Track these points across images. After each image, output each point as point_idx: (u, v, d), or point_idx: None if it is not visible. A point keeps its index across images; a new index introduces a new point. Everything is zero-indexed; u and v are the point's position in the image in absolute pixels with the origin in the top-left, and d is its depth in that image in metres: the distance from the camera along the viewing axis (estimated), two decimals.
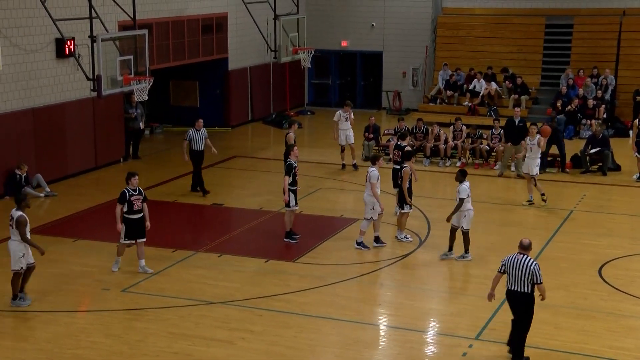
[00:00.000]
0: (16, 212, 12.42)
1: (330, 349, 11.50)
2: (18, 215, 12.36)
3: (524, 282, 10.68)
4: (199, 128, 18.89)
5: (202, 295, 13.22)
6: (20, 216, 12.35)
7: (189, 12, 25.05)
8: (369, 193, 15.20)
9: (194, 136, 18.83)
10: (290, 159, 15.67)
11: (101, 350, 11.24)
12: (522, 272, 10.67)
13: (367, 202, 15.24)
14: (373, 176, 15.11)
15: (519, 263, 10.73)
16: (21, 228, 12.32)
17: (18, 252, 12.48)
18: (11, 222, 12.45)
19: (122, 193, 13.94)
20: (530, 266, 10.66)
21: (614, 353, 11.23)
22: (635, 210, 18.43)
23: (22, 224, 12.32)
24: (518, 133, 20.60)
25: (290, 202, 15.56)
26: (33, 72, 19.53)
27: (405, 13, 30.56)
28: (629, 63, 27.88)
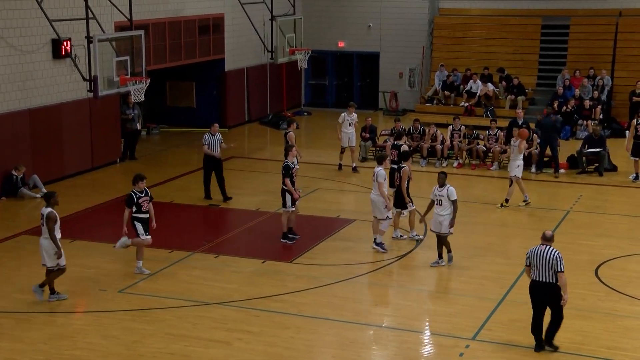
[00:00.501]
0: (46, 209, 12.63)
1: (328, 349, 11.50)
2: (48, 212, 12.57)
3: (548, 272, 11.06)
4: (214, 132, 18.43)
5: (199, 296, 13.21)
6: (50, 212, 12.56)
7: (186, 12, 25.05)
8: (376, 193, 15.16)
9: (210, 141, 18.37)
10: (288, 159, 15.67)
11: (98, 352, 11.23)
12: (546, 262, 11.05)
13: (378, 202, 15.16)
14: (381, 175, 15.08)
15: (542, 254, 11.10)
16: (50, 224, 12.52)
17: (51, 249, 12.64)
18: (42, 219, 12.64)
19: (130, 197, 13.81)
20: (553, 255, 11.06)
21: (611, 353, 11.25)
22: (632, 210, 18.46)
23: (51, 220, 12.53)
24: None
25: (287, 202, 15.56)
26: (29, 73, 19.51)
27: (401, 14, 30.58)
28: (625, 64, 27.93)
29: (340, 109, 31.35)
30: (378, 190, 15.12)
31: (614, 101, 27.42)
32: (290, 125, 19.51)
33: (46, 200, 12.84)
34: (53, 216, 12.55)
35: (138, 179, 13.94)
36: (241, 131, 27.77)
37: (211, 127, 18.57)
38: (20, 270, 14.41)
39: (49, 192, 13.12)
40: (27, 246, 15.68)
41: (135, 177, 13.98)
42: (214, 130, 18.47)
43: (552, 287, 11.05)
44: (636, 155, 20.22)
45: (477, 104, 27.73)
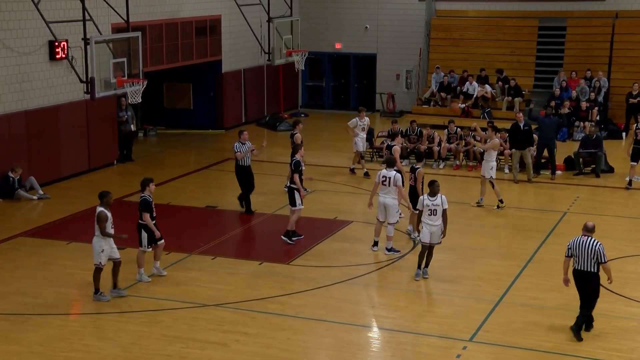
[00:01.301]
0: (98, 207, 12.83)
1: (324, 351, 11.50)
2: (99, 211, 12.78)
3: (590, 261, 11.52)
4: (244, 141, 17.56)
5: (196, 297, 13.20)
6: (101, 212, 12.76)
7: (183, 14, 25.04)
8: (393, 196, 15.02)
9: (240, 149, 17.56)
10: (297, 157, 15.86)
11: (94, 354, 11.21)
12: (588, 252, 11.50)
13: (393, 207, 15.01)
14: (398, 179, 14.97)
15: (585, 244, 11.56)
16: (101, 223, 12.69)
17: (98, 247, 12.83)
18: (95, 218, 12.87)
19: (146, 201, 13.53)
20: (596, 247, 11.49)
21: (607, 355, 11.26)
22: (628, 212, 18.48)
23: (102, 219, 12.70)
24: (524, 137, 20.56)
25: (296, 200, 15.60)
26: (26, 75, 19.49)
27: (398, 15, 30.60)
28: (622, 65, 27.96)
29: (337, 110, 31.64)
30: (397, 193, 14.99)
31: (611, 103, 27.45)
32: (297, 126, 19.52)
33: (100, 199, 12.99)
34: (104, 216, 12.74)
35: (148, 181, 13.72)
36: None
37: (240, 136, 17.66)
38: (16, 272, 14.40)
39: (102, 191, 13.20)
40: (23, 248, 15.68)
41: (146, 181, 13.72)
42: (243, 138, 17.57)
43: (593, 275, 11.58)
44: (635, 160, 20.02)
45: (474, 106, 27.74)
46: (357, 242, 16.03)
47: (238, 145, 17.63)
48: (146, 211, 13.53)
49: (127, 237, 13.28)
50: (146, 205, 13.53)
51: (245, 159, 17.58)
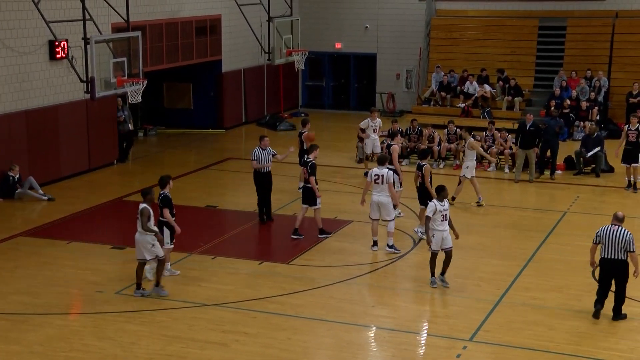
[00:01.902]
0: (141, 204, 12.98)
1: (324, 351, 11.50)
2: (142, 207, 12.92)
3: (619, 250, 11.94)
4: (264, 147, 16.78)
5: (196, 297, 13.20)
6: (144, 207, 12.89)
7: (183, 14, 25.04)
8: (386, 194, 15.11)
9: (260, 155, 16.80)
10: (311, 157, 16.08)
11: (94, 353, 11.21)
12: (618, 241, 11.92)
13: (388, 204, 15.12)
14: (390, 176, 15.08)
15: (614, 233, 12.00)
16: (142, 218, 12.83)
17: (146, 242, 12.92)
18: (138, 214, 13.01)
19: (168, 198, 13.47)
20: (626, 236, 11.96)
21: (607, 354, 11.26)
22: (628, 211, 18.41)
23: (144, 215, 12.85)
24: (529, 137, 20.53)
25: (316, 199, 15.83)
26: (26, 74, 19.49)
27: (398, 15, 30.60)
28: (622, 65, 27.95)
29: (337, 110, 31.64)
30: (388, 191, 15.07)
31: (611, 102, 27.44)
32: (306, 125, 19.48)
33: (143, 196, 13.13)
34: (146, 212, 12.87)
35: (168, 178, 13.70)
36: (238, 132, 27.78)
37: (261, 142, 16.89)
38: (16, 272, 14.40)
39: (145, 188, 13.37)
40: (23, 248, 15.68)
41: (166, 178, 13.67)
42: (264, 144, 16.78)
43: (621, 263, 11.97)
44: (626, 162, 19.79)
45: (474, 105, 27.73)
46: (357, 241, 16.02)
47: (257, 152, 16.78)
48: (167, 207, 13.53)
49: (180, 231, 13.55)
50: (167, 202, 13.52)
51: (266, 163, 16.81)
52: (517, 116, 27.06)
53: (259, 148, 16.80)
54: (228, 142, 26.10)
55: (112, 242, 16.00)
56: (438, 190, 13.64)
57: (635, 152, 19.50)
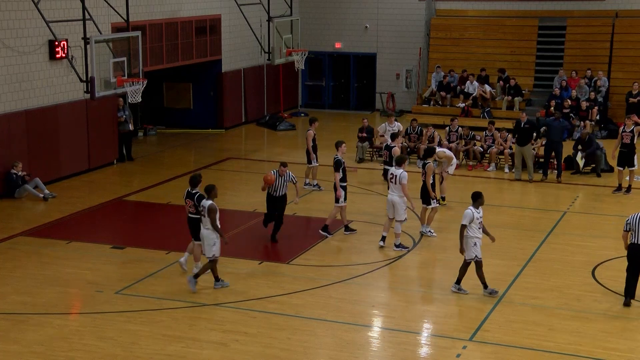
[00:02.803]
0: (207, 201, 13.13)
1: (324, 350, 11.50)
2: (209, 204, 13.06)
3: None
4: (282, 173, 15.81)
5: (196, 297, 13.19)
6: (211, 204, 13.07)
7: (183, 13, 25.04)
8: (399, 194, 15.19)
9: (275, 182, 15.81)
10: (338, 154, 16.17)
11: (94, 353, 11.21)
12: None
13: (400, 204, 15.20)
14: (403, 177, 15.16)
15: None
16: (212, 214, 13.03)
17: (211, 239, 13.15)
18: (203, 211, 13.17)
19: (201, 196, 13.55)
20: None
21: (607, 354, 11.26)
22: (628, 211, 18.38)
23: (213, 211, 13.04)
24: (523, 134, 20.61)
25: (340, 197, 16.03)
26: (26, 74, 19.49)
27: (398, 15, 30.61)
28: (622, 65, 27.97)
29: (337, 110, 31.64)
30: (402, 191, 15.16)
31: (611, 102, 27.45)
32: (313, 124, 19.51)
33: (207, 193, 13.26)
34: (214, 208, 13.06)
35: (200, 177, 13.91)
36: (238, 132, 27.78)
37: (279, 168, 15.89)
38: (16, 271, 14.40)
39: (209, 185, 13.46)
40: (23, 247, 15.68)
41: (199, 178, 13.82)
42: (281, 171, 15.81)
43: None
44: (621, 165, 19.59)
45: (474, 105, 27.74)
46: (357, 241, 16.03)
47: (274, 175, 15.83)
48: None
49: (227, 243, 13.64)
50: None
51: (280, 189, 15.88)
52: (517, 116, 27.02)
53: (276, 172, 15.84)
54: (228, 142, 26.11)
55: (112, 242, 16.01)
56: (475, 196, 13.21)
57: (630, 155, 19.40)
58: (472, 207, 13.12)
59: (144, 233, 16.91)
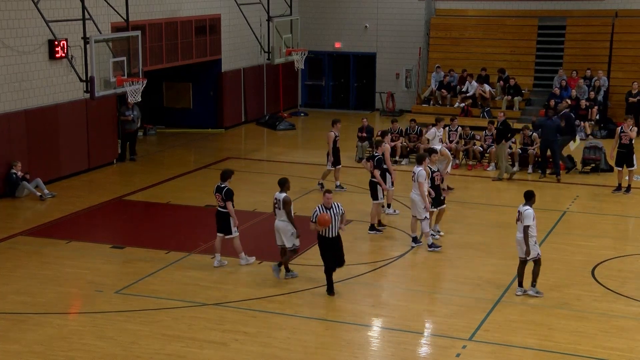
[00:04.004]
0: (280, 194, 13.59)
1: (324, 350, 11.49)
2: (284, 197, 13.53)
3: None
4: (328, 205, 13.03)
5: (196, 296, 13.20)
6: (286, 197, 13.54)
7: (182, 13, 25.04)
8: (416, 192, 15.25)
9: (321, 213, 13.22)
10: (378, 152, 16.46)
11: (94, 353, 11.21)
12: None
13: (418, 202, 15.26)
14: (421, 175, 15.19)
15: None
16: (287, 207, 13.48)
17: (288, 230, 13.59)
18: (277, 204, 13.62)
19: (231, 191, 14.12)
20: None
21: (607, 354, 11.26)
22: (628, 211, 18.48)
23: (288, 204, 13.49)
24: (497, 134, 21.02)
25: (377, 194, 16.20)
26: (26, 74, 19.48)
27: (398, 14, 30.61)
28: (621, 65, 27.97)
29: (337, 109, 31.63)
30: (418, 190, 15.22)
31: (610, 102, 27.46)
32: (336, 125, 19.33)
33: (281, 185, 13.65)
34: (288, 200, 13.50)
35: (231, 173, 14.27)
36: (238, 132, 27.78)
37: (324, 196, 13.13)
38: (15, 271, 14.39)
39: (282, 178, 13.82)
40: (23, 247, 15.68)
41: (229, 172, 14.22)
42: (328, 201, 13.02)
43: None
44: (619, 165, 19.57)
45: (474, 105, 27.74)
46: (356, 241, 16.03)
47: (319, 210, 13.07)
48: (230, 200, 14.07)
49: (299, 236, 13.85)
50: (231, 195, 14.10)
51: (331, 229, 13.00)
52: (517, 115, 27.09)
53: (322, 207, 13.03)
54: (228, 142, 26.11)
55: (112, 242, 16.01)
56: (531, 195, 13.18)
57: (628, 155, 19.40)
58: (529, 205, 13.09)
59: (143, 233, 16.91)
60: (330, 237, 13.04)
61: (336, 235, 13.07)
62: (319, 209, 12.92)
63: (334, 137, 19.22)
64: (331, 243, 13.07)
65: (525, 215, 12.92)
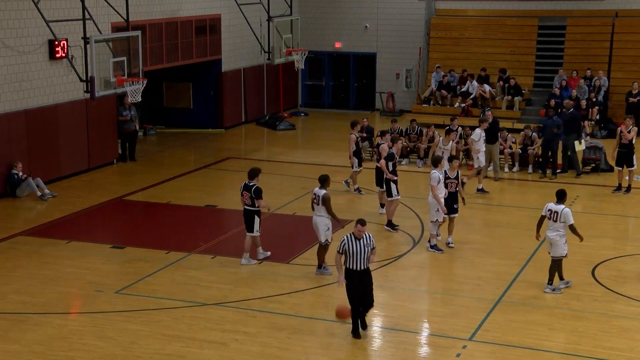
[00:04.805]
0: (320, 190, 13.99)
1: (324, 350, 11.49)
2: (323, 193, 13.91)
3: None
4: (360, 236, 11.53)
5: (196, 296, 13.20)
6: (326, 194, 13.91)
7: (183, 13, 25.04)
8: (431, 195, 15.24)
9: (353, 248, 11.45)
10: (393, 149, 16.69)
11: (94, 353, 11.21)
12: None
13: (432, 205, 15.24)
14: (432, 179, 15.14)
15: None
16: (326, 203, 13.83)
17: (324, 225, 13.94)
18: (316, 200, 13.99)
19: (260, 189, 14.39)
20: None
21: (607, 354, 11.26)
22: (628, 211, 18.48)
23: (327, 200, 13.85)
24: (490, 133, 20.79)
25: (392, 191, 16.27)
26: (26, 74, 19.48)
27: (398, 14, 30.61)
28: (622, 65, 27.97)
29: (337, 109, 31.63)
30: (432, 192, 15.23)
31: (611, 102, 27.45)
32: (355, 127, 19.32)
33: (321, 182, 14.04)
34: (328, 197, 13.89)
35: (258, 171, 14.60)
36: (238, 132, 27.78)
37: (355, 228, 11.55)
38: (15, 271, 14.39)
39: (323, 175, 14.25)
40: (23, 247, 15.68)
41: (256, 170, 14.55)
42: (359, 232, 11.52)
43: None
44: (619, 165, 19.58)
45: (474, 105, 27.73)
46: None
47: (348, 243, 11.53)
48: (260, 198, 14.33)
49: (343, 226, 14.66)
50: (260, 193, 14.36)
51: (360, 260, 11.51)
52: (517, 115, 27.10)
53: (352, 236, 11.54)
54: (228, 142, 26.10)
55: (112, 242, 16.01)
56: (563, 194, 13.44)
57: (628, 155, 19.40)
58: (562, 203, 13.30)
59: (143, 233, 16.91)
60: (358, 269, 11.47)
61: (365, 268, 11.51)
62: (347, 238, 11.46)
63: (356, 139, 19.09)
64: (358, 277, 11.50)
65: (565, 214, 13.17)
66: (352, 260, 11.45)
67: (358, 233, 11.47)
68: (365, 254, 11.44)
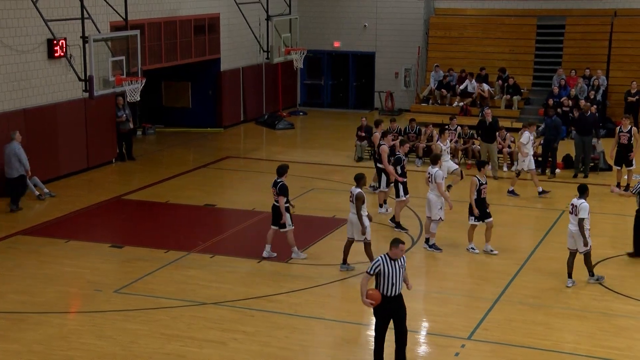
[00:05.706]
0: (355, 189, 14.10)
1: (323, 349, 11.50)
2: (357, 192, 14.02)
3: None
4: (395, 256, 10.35)
5: (195, 296, 13.20)
6: (359, 193, 14.02)
7: (181, 12, 25.03)
8: (435, 194, 15.27)
9: (387, 271, 10.27)
10: (400, 152, 16.72)
11: (93, 352, 11.21)
12: None
13: (434, 203, 15.27)
14: (438, 176, 15.22)
15: None
16: (358, 202, 13.93)
17: (357, 224, 14.03)
18: (351, 198, 14.11)
19: (286, 186, 14.51)
20: None
21: (606, 353, 11.27)
22: (627, 210, 18.45)
23: (359, 200, 13.94)
24: (488, 132, 21.12)
25: (400, 192, 16.33)
26: (24, 73, 19.47)
27: (397, 14, 30.60)
28: (620, 64, 27.97)
29: (336, 109, 31.64)
30: (437, 190, 15.23)
31: (609, 101, 27.46)
32: (379, 126, 19.29)
33: (357, 181, 14.21)
34: (361, 196, 13.97)
35: (287, 168, 14.75)
36: (237, 131, 27.77)
37: (392, 248, 10.34)
38: (15, 270, 14.39)
39: (359, 173, 14.38)
40: (22, 246, 15.68)
41: (285, 168, 14.70)
42: (394, 253, 10.33)
43: None
44: (618, 164, 19.66)
45: (472, 104, 27.73)
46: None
47: (383, 264, 10.33)
48: (286, 195, 14.47)
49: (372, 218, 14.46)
50: (286, 191, 14.49)
51: (394, 284, 10.29)
52: (516, 115, 27.10)
53: (386, 257, 10.34)
54: (227, 141, 26.09)
55: (111, 241, 16.01)
56: (585, 189, 13.71)
57: (627, 155, 19.41)
58: (583, 198, 13.55)
59: (142, 232, 16.91)
60: (392, 295, 10.16)
61: (398, 294, 10.20)
62: (382, 260, 10.20)
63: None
64: (390, 304, 10.19)
65: (582, 208, 13.45)
66: (386, 285, 10.06)
67: (396, 254, 10.17)
68: (401, 275, 10.22)
